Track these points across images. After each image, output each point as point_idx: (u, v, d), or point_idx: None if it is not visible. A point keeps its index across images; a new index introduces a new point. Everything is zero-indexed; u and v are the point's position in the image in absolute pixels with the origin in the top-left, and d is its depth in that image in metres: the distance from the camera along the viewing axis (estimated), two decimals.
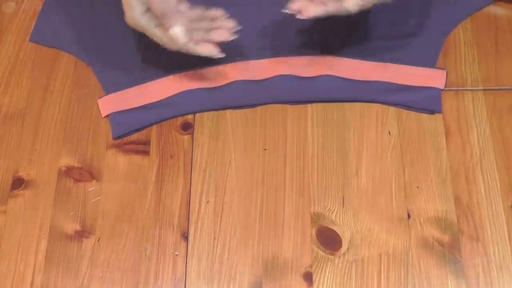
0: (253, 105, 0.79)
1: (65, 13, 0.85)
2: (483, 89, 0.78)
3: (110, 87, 0.80)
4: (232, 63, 0.80)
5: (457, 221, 0.71)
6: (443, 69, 0.78)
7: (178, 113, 0.78)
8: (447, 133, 0.76)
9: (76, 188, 0.74)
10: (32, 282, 0.69)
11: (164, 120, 0.78)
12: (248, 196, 0.73)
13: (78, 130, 0.77)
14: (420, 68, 0.78)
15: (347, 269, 0.69)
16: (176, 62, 0.80)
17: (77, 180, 0.74)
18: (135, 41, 0.83)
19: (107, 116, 0.77)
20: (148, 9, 0.71)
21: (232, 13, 0.83)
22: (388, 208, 0.72)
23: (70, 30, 0.84)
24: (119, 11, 0.86)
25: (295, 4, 0.71)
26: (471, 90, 0.79)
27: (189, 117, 0.79)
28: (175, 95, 0.78)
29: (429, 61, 0.79)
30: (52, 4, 0.86)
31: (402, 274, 0.68)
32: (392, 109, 0.78)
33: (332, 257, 0.70)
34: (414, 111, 0.77)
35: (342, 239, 0.70)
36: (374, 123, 0.77)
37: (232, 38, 0.73)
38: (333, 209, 0.72)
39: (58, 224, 0.72)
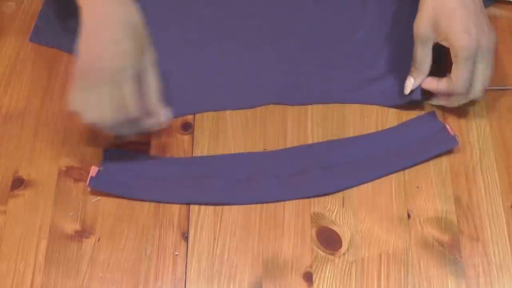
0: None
1: (65, 13, 0.85)
2: None
3: None
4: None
5: (457, 221, 0.71)
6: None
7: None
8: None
9: (76, 188, 0.74)
10: (32, 282, 0.69)
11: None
12: None
13: (78, 130, 0.77)
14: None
15: (347, 269, 0.69)
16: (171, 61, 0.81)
17: (77, 180, 0.74)
18: None
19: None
20: None
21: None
22: (388, 208, 0.72)
23: (70, 30, 0.84)
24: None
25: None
26: None
27: (189, 117, 0.79)
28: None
29: None
30: (52, 4, 0.86)
31: (402, 274, 0.68)
32: (392, 109, 0.78)
33: (332, 257, 0.69)
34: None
35: (342, 239, 0.70)
36: (374, 123, 0.77)
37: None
38: (333, 209, 0.72)
39: (58, 224, 0.72)
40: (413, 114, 0.77)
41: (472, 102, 0.78)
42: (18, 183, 0.74)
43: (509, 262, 0.69)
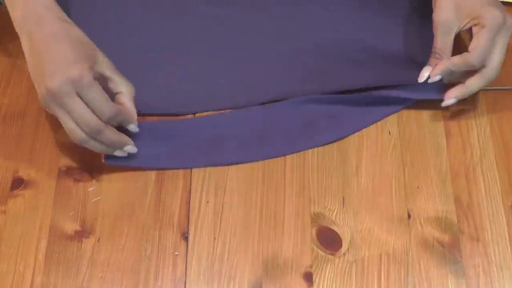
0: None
1: (65, 13, 0.85)
2: (483, 89, 0.78)
3: None
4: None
5: (457, 221, 0.71)
6: None
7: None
8: (447, 133, 0.76)
9: (76, 188, 0.74)
10: (32, 282, 0.69)
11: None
12: (248, 196, 0.73)
13: None
14: None
15: (347, 269, 0.69)
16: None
17: (77, 180, 0.74)
18: (135, 41, 0.83)
19: None
20: None
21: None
22: (388, 208, 0.72)
23: None
24: (119, 12, 0.86)
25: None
26: None
27: (189, 117, 0.78)
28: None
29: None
30: None
31: (402, 274, 0.68)
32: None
33: (332, 257, 0.70)
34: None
35: (342, 239, 0.70)
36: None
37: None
38: (333, 209, 0.72)
39: (58, 224, 0.72)
40: (413, 114, 0.77)
41: (472, 102, 0.78)
42: (18, 183, 0.74)
43: (509, 262, 0.69)
